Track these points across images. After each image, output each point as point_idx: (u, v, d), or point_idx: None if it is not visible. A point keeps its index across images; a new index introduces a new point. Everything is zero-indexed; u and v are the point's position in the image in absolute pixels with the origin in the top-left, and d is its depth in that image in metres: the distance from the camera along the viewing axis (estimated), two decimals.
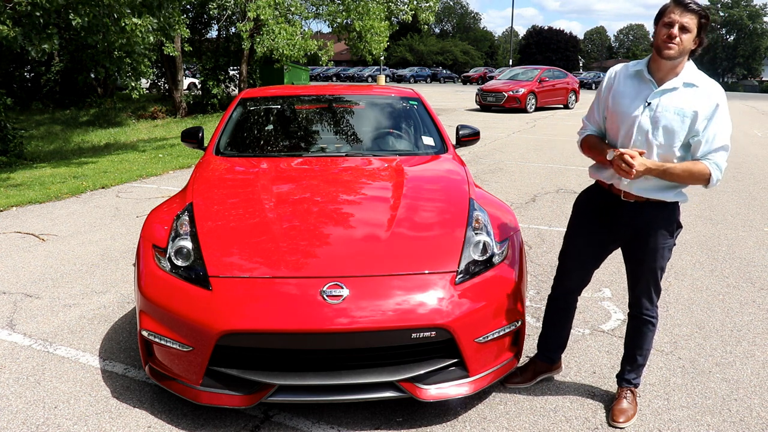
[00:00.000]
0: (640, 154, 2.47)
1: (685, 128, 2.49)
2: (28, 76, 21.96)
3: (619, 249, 2.83)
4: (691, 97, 2.49)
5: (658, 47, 2.48)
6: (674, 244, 2.71)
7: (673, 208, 2.65)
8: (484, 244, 2.91)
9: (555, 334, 3.06)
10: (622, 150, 2.48)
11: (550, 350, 3.09)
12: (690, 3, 2.42)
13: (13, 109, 11.97)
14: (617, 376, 2.92)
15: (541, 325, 3.18)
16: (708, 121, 2.47)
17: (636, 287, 2.79)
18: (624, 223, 2.68)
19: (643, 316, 2.79)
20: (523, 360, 3.19)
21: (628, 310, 2.89)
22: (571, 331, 3.64)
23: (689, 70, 2.53)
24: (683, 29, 2.42)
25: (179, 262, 2.81)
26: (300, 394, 2.58)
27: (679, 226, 2.71)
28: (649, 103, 2.52)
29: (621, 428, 2.71)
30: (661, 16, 2.49)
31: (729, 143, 2.50)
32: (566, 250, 2.94)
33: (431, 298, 2.62)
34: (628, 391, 2.83)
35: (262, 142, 4.56)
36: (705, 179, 2.49)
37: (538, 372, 3.08)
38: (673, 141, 2.51)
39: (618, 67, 2.74)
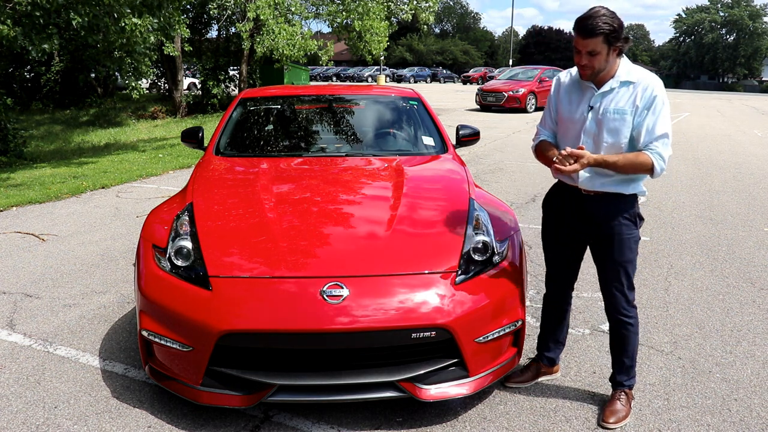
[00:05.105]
0: (579, 149, 2.56)
1: (628, 125, 2.57)
2: (28, 76, 21.93)
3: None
4: (629, 94, 2.57)
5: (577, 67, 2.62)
6: (639, 238, 2.74)
7: (633, 200, 2.70)
8: (484, 243, 2.91)
9: (552, 332, 3.08)
10: (568, 150, 2.55)
11: (549, 349, 3.10)
12: (590, 29, 2.44)
13: (13, 109, 11.94)
14: (610, 379, 2.91)
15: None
16: (647, 111, 2.54)
17: (607, 285, 2.77)
18: (587, 216, 2.72)
19: (620, 317, 2.77)
20: (524, 360, 3.20)
21: (606, 314, 2.86)
22: (572, 331, 3.66)
23: (624, 67, 2.59)
24: (591, 53, 2.49)
25: (179, 262, 2.81)
26: (300, 394, 2.58)
27: (641, 218, 2.75)
28: (592, 107, 2.61)
29: (611, 429, 2.70)
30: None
31: (670, 131, 2.56)
32: (544, 249, 3.00)
33: (431, 298, 2.62)
34: (622, 393, 2.83)
35: (262, 142, 4.56)
36: (648, 169, 2.55)
37: (538, 373, 3.09)
38: (619, 139, 2.59)
39: (563, 73, 2.84)
